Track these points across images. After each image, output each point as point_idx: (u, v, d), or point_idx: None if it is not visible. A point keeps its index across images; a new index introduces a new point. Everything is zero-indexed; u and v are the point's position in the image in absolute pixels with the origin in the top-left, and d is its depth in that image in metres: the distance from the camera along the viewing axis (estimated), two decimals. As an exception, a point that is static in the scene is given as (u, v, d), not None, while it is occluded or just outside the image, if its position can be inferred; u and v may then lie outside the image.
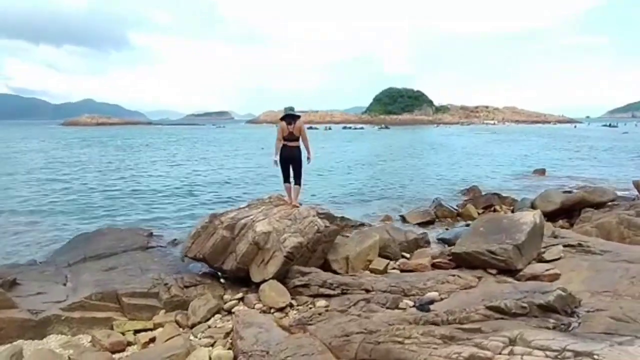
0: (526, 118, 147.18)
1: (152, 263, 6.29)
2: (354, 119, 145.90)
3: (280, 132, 6.44)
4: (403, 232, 7.76)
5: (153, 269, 6.02)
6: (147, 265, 6.15)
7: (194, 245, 5.79)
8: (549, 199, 9.98)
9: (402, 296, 5.02)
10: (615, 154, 29.61)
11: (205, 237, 5.74)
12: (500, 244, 5.86)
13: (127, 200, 12.85)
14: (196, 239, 5.81)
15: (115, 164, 23.97)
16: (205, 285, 5.58)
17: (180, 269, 6.11)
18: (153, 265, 6.18)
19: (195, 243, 5.79)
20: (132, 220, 10.00)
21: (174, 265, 6.24)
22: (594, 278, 5.30)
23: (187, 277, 5.65)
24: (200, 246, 5.72)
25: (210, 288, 5.56)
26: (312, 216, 6.08)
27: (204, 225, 5.86)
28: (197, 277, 5.75)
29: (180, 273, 5.89)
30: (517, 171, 21.17)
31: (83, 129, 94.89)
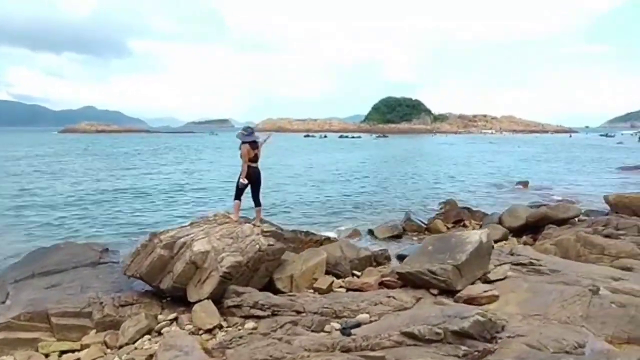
0: (524, 128, 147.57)
1: (96, 280, 6.26)
2: (352, 128, 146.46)
3: (246, 153, 6.45)
4: (356, 249, 7.73)
5: (94, 286, 5.99)
6: (90, 283, 6.11)
7: (133, 263, 5.76)
8: (515, 214, 9.97)
9: (333, 318, 4.98)
10: (602, 167, 29.60)
11: (144, 256, 5.71)
12: (442, 263, 5.82)
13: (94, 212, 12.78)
14: (135, 257, 5.79)
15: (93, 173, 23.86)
16: (142, 305, 5.55)
17: (122, 287, 6.08)
18: (96, 283, 6.15)
19: (134, 261, 5.77)
20: (95, 234, 9.97)
21: (118, 283, 6.21)
22: (530, 300, 5.26)
23: (125, 296, 5.62)
24: (138, 265, 5.69)
25: (147, 307, 5.53)
26: (255, 235, 6.07)
27: (144, 243, 5.84)
28: (135, 295, 5.72)
29: (121, 291, 5.87)
30: (502, 183, 21.19)
31: (81, 137, 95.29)
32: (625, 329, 4.30)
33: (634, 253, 7.15)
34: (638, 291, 5.43)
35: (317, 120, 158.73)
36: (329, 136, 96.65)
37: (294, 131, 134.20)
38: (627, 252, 7.22)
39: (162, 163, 29.76)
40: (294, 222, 12.06)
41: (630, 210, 10.46)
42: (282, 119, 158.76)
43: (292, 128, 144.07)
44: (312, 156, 39.86)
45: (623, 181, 21.54)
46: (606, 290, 5.42)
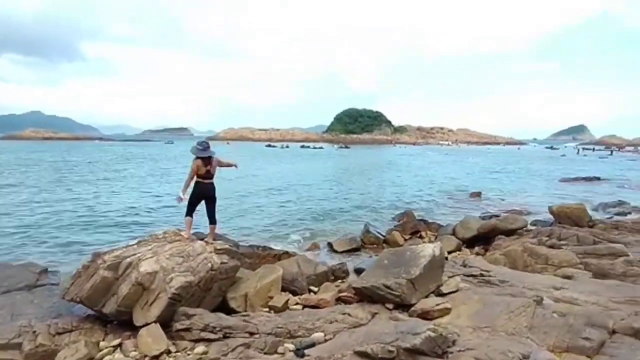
0: (478, 139, 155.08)
1: (30, 306, 5.76)
2: (315, 138, 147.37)
3: (195, 169, 6.22)
4: (314, 264, 7.67)
5: (27, 313, 5.50)
6: (23, 309, 5.61)
7: (73, 286, 5.36)
8: (467, 225, 10.33)
9: (287, 338, 4.87)
10: (547, 178, 31.57)
11: (86, 278, 5.33)
12: (397, 278, 5.88)
13: (32, 229, 11.79)
14: (76, 280, 5.40)
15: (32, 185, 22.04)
16: (83, 331, 5.16)
17: (61, 312, 5.64)
18: (30, 309, 5.66)
19: (75, 284, 5.37)
20: (33, 253, 9.22)
21: (56, 308, 5.75)
22: (480, 312, 5.41)
23: (63, 322, 5.19)
24: (79, 288, 5.30)
25: (88, 334, 5.14)
26: (208, 253, 5.85)
27: (86, 264, 5.46)
28: (75, 321, 5.30)
29: (59, 317, 5.43)
30: (456, 193, 22.01)
31: (25, 144, 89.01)
32: (565, 338, 4.51)
33: (574, 262, 7.61)
34: (577, 299, 5.76)
35: (279, 130, 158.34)
36: (291, 146, 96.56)
37: (256, 140, 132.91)
38: (568, 261, 7.67)
39: (109, 176, 28.19)
40: (253, 235, 11.84)
41: (571, 221, 11.19)
42: (244, 128, 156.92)
43: (254, 137, 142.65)
44: (273, 167, 39.57)
45: (566, 191, 23.07)
46: (549, 300, 5.70)
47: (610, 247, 8.08)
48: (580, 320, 4.80)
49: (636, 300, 5.57)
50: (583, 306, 5.40)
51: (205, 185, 6.28)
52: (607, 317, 4.84)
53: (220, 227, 11.13)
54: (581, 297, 5.79)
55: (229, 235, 10.62)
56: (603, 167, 42.58)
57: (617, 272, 7.16)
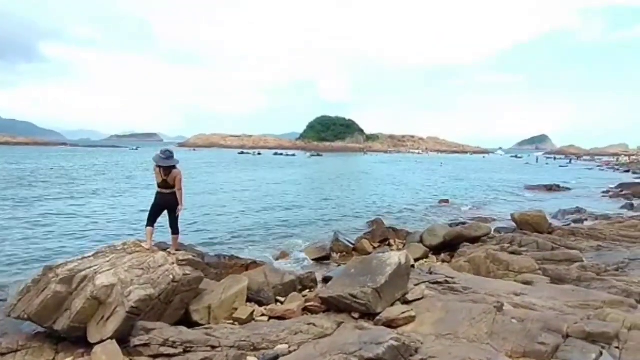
0: (447, 148, 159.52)
1: (-27, 324, 5.37)
2: (287, 145, 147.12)
3: (155, 176, 6.07)
4: (281, 274, 7.58)
5: (-30, 332, 5.13)
6: (-35, 328, 5.23)
7: (21, 303, 5.03)
8: (434, 233, 10.54)
9: (251, 351, 4.76)
10: (511, 185, 32.82)
11: (35, 293, 5.02)
12: (363, 287, 5.89)
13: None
14: (24, 296, 5.06)
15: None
16: (31, 350, 4.85)
17: (7, 330, 5.29)
18: (-28, 327, 5.28)
19: (23, 300, 5.04)
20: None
21: (1, 325, 5.39)
22: (443, 320, 5.49)
23: (8, 342, 4.86)
24: (27, 304, 4.98)
25: (37, 353, 4.84)
26: (169, 264, 5.67)
27: (36, 279, 5.15)
28: (22, 340, 4.97)
29: (4, 336, 5.09)
30: (425, 200, 22.47)
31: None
32: (522, 343, 4.64)
33: (533, 268, 7.89)
34: (535, 305, 5.96)
35: (252, 137, 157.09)
36: (264, 153, 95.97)
37: (227, 147, 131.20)
38: (528, 267, 7.95)
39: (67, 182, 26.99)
40: (222, 245, 11.59)
41: (531, 227, 11.64)
42: (216, 135, 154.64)
43: (226, 144, 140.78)
44: (246, 174, 39.16)
45: (528, 199, 24.04)
46: (509, 305, 5.87)
47: (567, 253, 8.44)
48: (536, 325, 4.95)
49: (589, 304, 5.83)
50: (540, 311, 5.59)
51: (165, 195, 6.10)
52: (561, 321, 5.02)
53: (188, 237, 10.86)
54: (539, 303, 6.00)
55: (196, 245, 10.36)
56: (563, 175, 44.70)
57: (573, 277, 7.49)
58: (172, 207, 6.14)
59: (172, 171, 6.04)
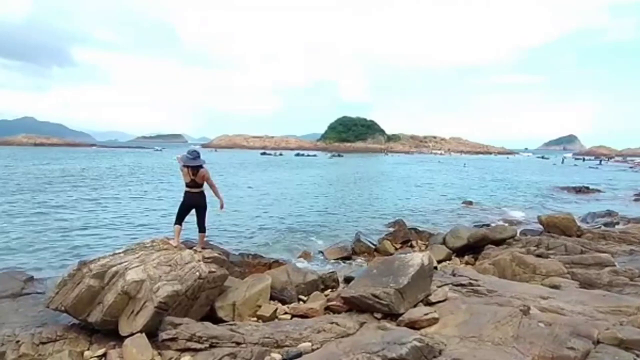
0: (470, 149, 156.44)
1: (15, 315, 5.69)
2: (308, 146, 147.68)
3: (184, 176, 6.27)
4: (303, 273, 7.64)
5: (12, 322, 5.43)
6: (7, 318, 5.54)
7: (58, 295, 5.30)
8: (457, 234, 10.39)
9: (274, 348, 4.85)
10: (537, 187, 31.90)
11: (71, 286, 5.28)
12: (385, 287, 5.89)
13: (19, 236, 11.63)
14: (61, 288, 5.33)
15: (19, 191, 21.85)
16: (67, 340, 5.09)
17: (46, 321, 5.57)
18: (14, 318, 5.58)
19: (60, 293, 5.30)
20: (19, 260, 9.11)
21: (40, 316, 5.68)
22: (467, 322, 5.43)
23: (47, 332, 5.12)
24: (64, 297, 5.24)
25: (73, 343, 5.08)
26: (196, 261, 5.83)
27: (72, 273, 5.40)
28: (60, 330, 5.23)
29: (44, 326, 5.35)
30: (448, 202, 22.14)
31: (16, 149, 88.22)
32: (550, 348, 4.54)
33: (561, 272, 7.68)
34: (563, 309, 5.81)
35: (273, 138, 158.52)
36: (286, 154, 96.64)
37: (250, 148, 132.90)
38: (556, 270, 7.74)
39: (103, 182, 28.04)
40: (244, 244, 11.78)
41: (559, 230, 11.31)
42: (238, 136, 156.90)
43: (248, 145, 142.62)
44: (267, 174, 39.58)
45: (555, 201, 23.33)
46: (536, 309, 5.74)
47: (597, 256, 8.17)
48: (565, 329, 4.84)
49: (621, 310, 5.64)
50: (569, 316, 5.45)
51: (193, 194, 6.30)
52: (592, 326, 4.89)
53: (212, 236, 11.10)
54: (567, 307, 5.84)
55: (219, 243, 10.58)
56: (592, 176, 43.13)
57: (603, 282, 7.26)
58: (200, 205, 6.32)
59: (200, 170, 6.22)
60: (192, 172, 6.17)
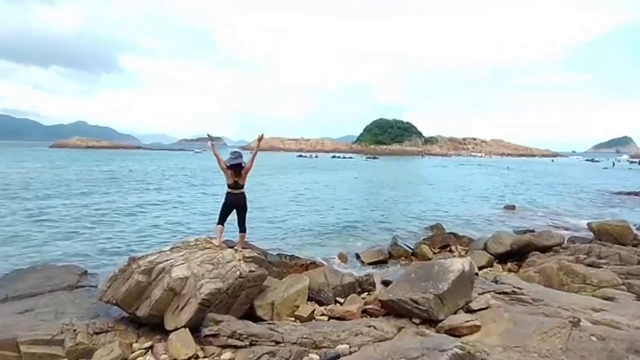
0: (512, 151, 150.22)
1: (71, 306, 6.09)
2: (344, 148, 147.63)
3: (227, 177, 6.47)
4: (340, 275, 7.65)
5: (69, 312, 5.82)
6: (65, 308, 5.95)
7: (110, 289, 5.62)
8: (499, 240, 10.02)
9: (312, 349, 4.89)
10: (587, 191, 30.07)
11: (122, 281, 5.59)
12: (424, 292, 5.79)
13: (76, 232, 12.50)
14: (113, 283, 5.66)
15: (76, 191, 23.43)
16: (117, 332, 5.39)
17: (98, 313, 5.92)
18: (71, 308, 5.98)
19: (111, 287, 5.63)
20: (75, 255, 9.75)
21: (94, 308, 6.04)
22: (511, 331, 5.23)
23: (100, 323, 5.45)
24: (115, 291, 5.56)
25: (122, 335, 5.37)
26: (237, 261, 6.00)
27: (122, 268, 5.72)
28: (111, 322, 5.55)
29: (97, 318, 5.70)
30: (489, 206, 21.37)
31: (71, 152, 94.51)
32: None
33: (615, 283, 7.21)
34: (618, 323, 5.45)
35: (309, 140, 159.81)
36: (322, 156, 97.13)
37: (286, 150, 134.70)
38: (609, 281, 7.28)
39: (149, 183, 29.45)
40: (280, 245, 11.96)
41: (612, 238, 10.62)
42: (275, 138, 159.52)
43: (285, 147, 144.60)
44: (304, 176, 39.93)
45: (607, 207, 21.89)
46: (587, 322, 5.43)
47: (656, 268, 7.60)
48: (622, 345, 4.55)
49: (684, 326, 5.22)
50: (625, 330, 5.11)
51: (235, 195, 6.49)
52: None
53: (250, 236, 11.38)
54: (623, 321, 5.48)
55: (257, 244, 10.81)
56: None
57: (664, 295, 6.74)
58: (241, 206, 6.51)
59: (242, 171, 6.42)
60: (236, 174, 6.36)
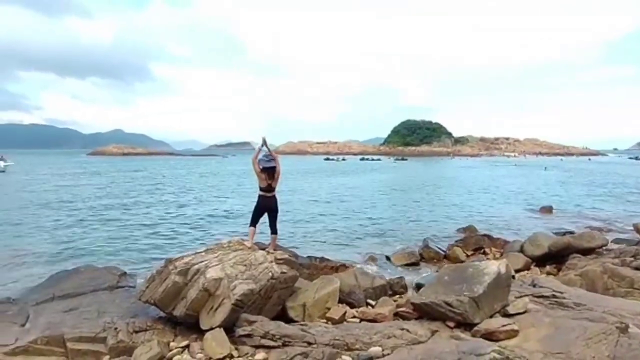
0: (548, 150, 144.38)
1: (112, 305, 6.35)
2: (371, 150, 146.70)
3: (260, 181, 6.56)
4: (371, 278, 7.60)
5: (110, 311, 6.08)
6: (106, 308, 6.21)
7: (148, 289, 5.83)
8: (537, 242, 9.65)
9: (345, 350, 4.87)
10: (631, 191, 28.43)
11: (159, 282, 5.78)
12: (458, 295, 5.65)
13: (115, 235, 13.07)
14: (151, 283, 5.87)
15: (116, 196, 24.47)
16: (156, 331, 5.58)
17: (137, 313, 6.15)
18: (112, 308, 6.24)
19: (149, 287, 5.84)
20: (114, 258, 10.19)
21: (133, 308, 6.28)
22: (552, 337, 5.01)
23: (139, 322, 5.66)
24: (153, 291, 5.76)
25: (160, 334, 5.55)
26: (269, 262, 6.08)
27: (159, 269, 5.92)
28: (149, 321, 5.75)
29: (136, 317, 5.93)
30: (524, 208, 20.62)
31: (108, 159, 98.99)
32: (656, 372, 4.03)
33: (666, 287, 6.78)
34: (670, 330, 5.12)
35: (337, 143, 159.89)
36: (350, 159, 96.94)
37: (314, 154, 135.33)
38: (659, 285, 6.85)
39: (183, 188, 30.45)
40: (310, 247, 12.01)
41: (661, 240, 9.98)
42: (302, 142, 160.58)
43: (312, 151, 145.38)
44: (332, 179, 39.97)
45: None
46: (636, 328, 5.13)
47: None
48: (674, 352, 4.27)
49: None
50: (678, 337, 4.79)
51: (267, 198, 6.58)
52: None
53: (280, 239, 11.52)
54: (675, 327, 5.14)
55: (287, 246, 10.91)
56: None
57: None
58: (273, 209, 6.60)
59: (275, 173, 6.50)
60: (269, 177, 6.44)
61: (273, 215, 6.66)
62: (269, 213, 6.66)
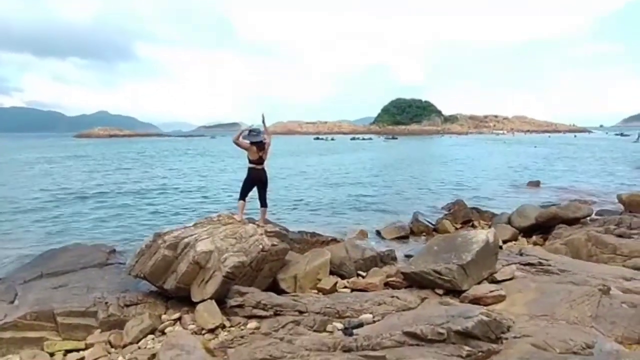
0: (536, 128, 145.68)
1: (102, 281, 6.30)
2: (362, 130, 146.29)
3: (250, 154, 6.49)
4: (362, 249, 7.65)
5: (100, 287, 6.03)
6: (96, 283, 6.16)
7: (137, 264, 5.79)
8: (524, 214, 9.80)
9: (336, 318, 4.95)
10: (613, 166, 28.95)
11: (148, 256, 5.73)
12: (447, 263, 5.74)
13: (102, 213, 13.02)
14: (140, 257, 5.82)
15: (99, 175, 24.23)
16: (147, 304, 5.57)
17: (128, 287, 6.12)
18: (102, 283, 6.19)
19: (139, 262, 5.80)
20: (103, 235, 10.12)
21: (123, 283, 6.23)
22: (537, 300, 5.15)
23: (130, 296, 5.65)
24: (142, 265, 5.72)
25: (151, 307, 5.55)
26: (259, 235, 6.07)
27: (148, 244, 5.87)
28: (140, 296, 5.74)
29: (127, 291, 5.90)
30: (512, 183, 20.89)
31: (94, 141, 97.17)
32: (636, 329, 4.18)
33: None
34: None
35: (327, 123, 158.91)
36: (340, 138, 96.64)
37: (304, 134, 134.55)
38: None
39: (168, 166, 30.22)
40: (301, 223, 12.04)
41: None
42: (292, 122, 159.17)
43: (302, 131, 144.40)
44: (322, 158, 39.89)
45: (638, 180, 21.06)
46: (617, 290, 5.29)
47: (692, 237, 7.30)
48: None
49: None
50: (658, 298, 4.96)
51: (257, 170, 6.53)
52: (686, 309, 4.41)
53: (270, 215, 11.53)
54: (655, 289, 5.32)
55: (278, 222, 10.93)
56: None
57: (700, 264, 6.48)
58: (263, 181, 6.55)
59: (266, 146, 6.46)
60: (259, 149, 6.37)
61: (263, 187, 6.62)
62: (259, 185, 6.61)
